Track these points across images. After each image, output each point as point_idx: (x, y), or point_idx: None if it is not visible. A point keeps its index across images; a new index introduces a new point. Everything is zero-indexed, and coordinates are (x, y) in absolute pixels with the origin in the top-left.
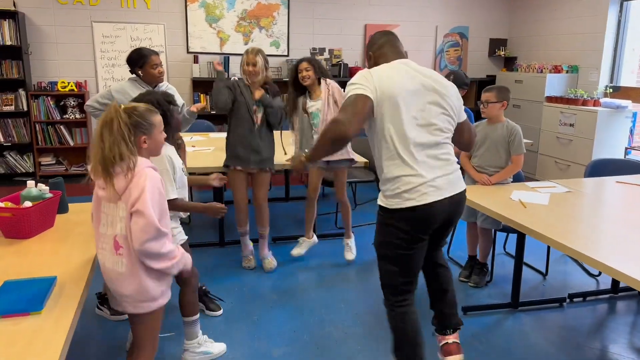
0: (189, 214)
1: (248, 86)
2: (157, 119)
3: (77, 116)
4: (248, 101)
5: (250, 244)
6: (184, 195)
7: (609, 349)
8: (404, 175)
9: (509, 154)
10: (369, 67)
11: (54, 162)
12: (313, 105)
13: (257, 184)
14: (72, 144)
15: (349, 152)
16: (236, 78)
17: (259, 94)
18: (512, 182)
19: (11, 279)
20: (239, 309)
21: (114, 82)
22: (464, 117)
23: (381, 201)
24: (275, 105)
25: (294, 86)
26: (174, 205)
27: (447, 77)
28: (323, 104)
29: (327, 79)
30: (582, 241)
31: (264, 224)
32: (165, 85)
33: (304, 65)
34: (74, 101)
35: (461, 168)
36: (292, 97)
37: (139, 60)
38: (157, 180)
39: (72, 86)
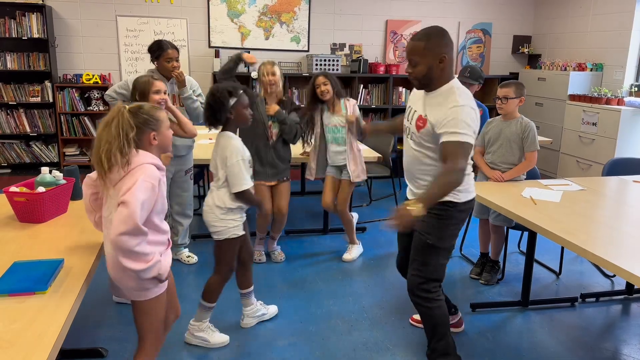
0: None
1: (264, 101)
2: (163, 115)
3: (101, 108)
4: (263, 117)
5: (262, 244)
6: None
7: (620, 351)
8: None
9: (523, 151)
10: (433, 68)
11: (77, 152)
12: (331, 120)
13: (278, 195)
14: (95, 135)
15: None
16: (256, 90)
17: (274, 109)
18: (525, 179)
19: (20, 260)
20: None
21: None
22: None
23: (450, 197)
24: (290, 121)
25: (312, 100)
26: (245, 195)
27: (464, 70)
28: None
29: (350, 99)
30: (592, 240)
31: (279, 231)
32: (187, 79)
33: (321, 79)
34: (97, 93)
35: (474, 165)
36: (309, 109)
37: (156, 52)
38: (153, 177)
39: (96, 79)
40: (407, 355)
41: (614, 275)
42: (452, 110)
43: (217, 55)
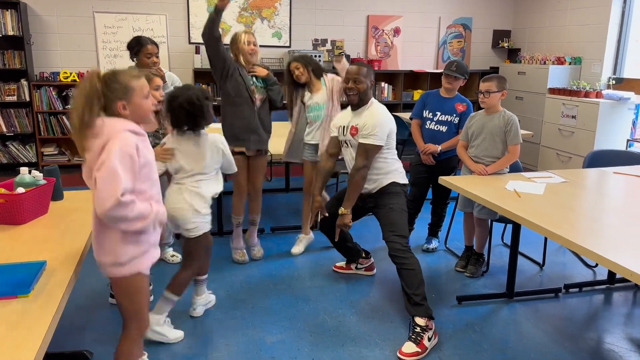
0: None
1: (243, 67)
2: (137, 83)
3: None
4: (246, 82)
5: (242, 239)
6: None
7: (604, 340)
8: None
9: (506, 144)
10: (363, 91)
11: (56, 152)
12: (311, 99)
13: (255, 169)
14: None
15: None
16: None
17: (263, 71)
18: (508, 172)
19: (0, 263)
20: (234, 298)
21: None
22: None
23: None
24: (277, 84)
25: (293, 85)
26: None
27: (450, 65)
28: (327, 101)
29: (328, 74)
30: (576, 231)
31: (257, 211)
32: (168, 75)
33: (294, 65)
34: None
35: (458, 158)
36: (290, 91)
37: (135, 47)
38: (129, 144)
39: (74, 77)
40: (395, 349)
41: (596, 266)
42: (369, 118)
43: (197, 51)
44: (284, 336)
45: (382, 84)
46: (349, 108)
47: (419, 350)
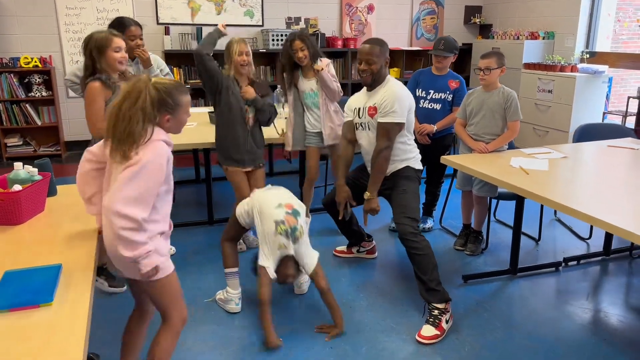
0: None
1: (236, 83)
2: (186, 99)
3: (44, 94)
4: (239, 101)
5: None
6: None
7: (608, 310)
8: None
9: (505, 121)
10: (377, 71)
11: (20, 142)
12: (307, 84)
13: (254, 181)
14: (39, 123)
15: None
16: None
17: (250, 94)
18: (507, 149)
19: (11, 269)
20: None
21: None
22: None
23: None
24: (267, 107)
25: (291, 68)
26: None
27: (438, 43)
28: (321, 89)
29: (323, 59)
30: (591, 204)
31: None
32: (153, 58)
33: (299, 44)
34: (39, 78)
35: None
36: (288, 76)
37: (117, 29)
38: (162, 155)
39: (36, 62)
40: (411, 332)
41: (590, 237)
42: (386, 95)
43: (166, 32)
44: (296, 326)
45: None
46: (364, 89)
47: (438, 333)
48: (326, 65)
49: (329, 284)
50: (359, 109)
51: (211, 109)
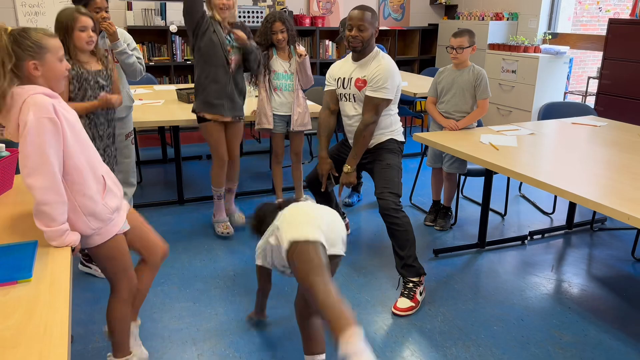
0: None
1: (218, 24)
2: (52, 43)
3: None
4: (222, 41)
5: (224, 211)
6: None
7: (571, 280)
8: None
9: (475, 99)
10: (367, 39)
11: None
12: (280, 65)
13: (232, 137)
14: None
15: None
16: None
17: (243, 37)
18: (476, 127)
19: None
20: (212, 267)
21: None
22: None
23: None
24: (255, 49)
25: (264, 43)
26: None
27: (342, 25)
28: (295, 73)
29: (300, 45)
30: (557, 177)
31: (234, 179)
32: (119, 32)
33: (279, 26)
34: None
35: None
36: (263, 56)
37: (80, 2)
38: (44, 108)
39: None
40: (386, 305)
41: (553, 212)
42: (378, 69)
43: (129, 7)
44: (274, 302)
45: (327, 41)
46: (348, 57)
47: (413, 304)
48: (304, 52)
49: None
50: (344, 79)
51: (179, 86)
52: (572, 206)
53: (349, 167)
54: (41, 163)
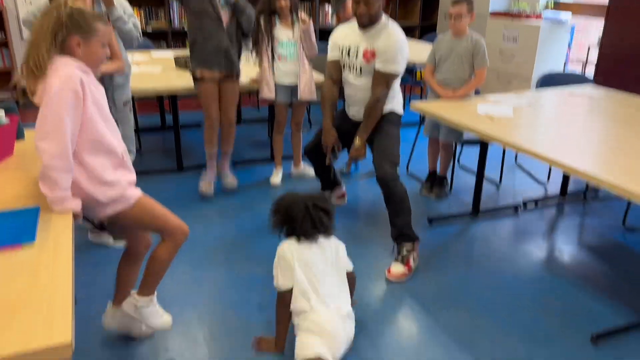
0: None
1: None
2: (102, 28)
3: None
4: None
5: (214, 171)
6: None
7: (562, 248)
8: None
9: (473, 68)
10: (375, 13)
11: None
12: (284, 33)
13: (226, 97)
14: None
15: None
16: None
17: None
18: (473, 95)
19: None
20: (212, 233)
21: None
22: None
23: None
24: (248, 8)
25: (266, 10)
26: None
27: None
28: (299, 41)
29: (302, 13)
30: (551, 148)
31: (230, 142)
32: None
33: None
34: None
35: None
36: (265, 20)
37: None
38: (71, 80)
39: None
40: (380, 272)
41: (547, 182)
42: (389, 42)
43: None
44: (270, 266)
45: (327, 6)
46: (353, 24)
47: (407, 270)
48: (308, 19)
49: None
50: (349, 48)
51: (177, 52)
52: (566, 176)
53: (360, 141)
54: (55, 130)
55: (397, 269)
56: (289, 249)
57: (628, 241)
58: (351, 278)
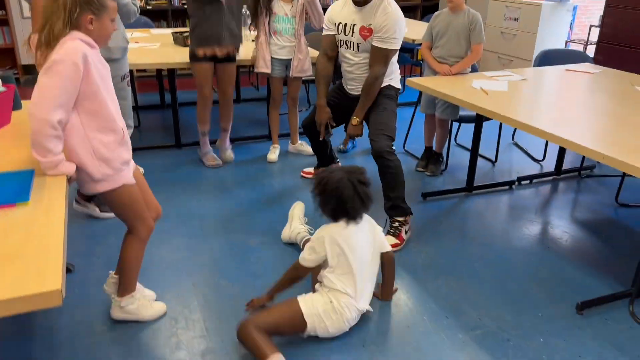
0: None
1: None
2: (112, 5)
3: None
4: None
5: (208, 144)
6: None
7: (554, 223)
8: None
9: (469, 44)
10: None
11: None
12: (282, 8)
13: (224, 75)
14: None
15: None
16: None
17: None
18: (470, 72)
19: None
20: (209, 206)
21: None
22: None
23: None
24: None
25: None
26: None
27: None
28: (299, 16)
29: None
30: (543, 121)
31: (229, 119)
32: None
33: None
34: None
35: (422, 59)
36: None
37: None
38: (76, 52)
39: None
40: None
41: (543, 159)
42: (387, 19)
43: None
44: (266, 238)
45: None
46: (348, 1)
47: (398, 242)
48: None
49: None
50: (345, 25)
51: (176, 29)
52: (561, 153)
53: (357, 119)
54: (50, 97)
55: (389, 240)
56: (338, 233)
57: (619, 216)
58: (389, 258)
